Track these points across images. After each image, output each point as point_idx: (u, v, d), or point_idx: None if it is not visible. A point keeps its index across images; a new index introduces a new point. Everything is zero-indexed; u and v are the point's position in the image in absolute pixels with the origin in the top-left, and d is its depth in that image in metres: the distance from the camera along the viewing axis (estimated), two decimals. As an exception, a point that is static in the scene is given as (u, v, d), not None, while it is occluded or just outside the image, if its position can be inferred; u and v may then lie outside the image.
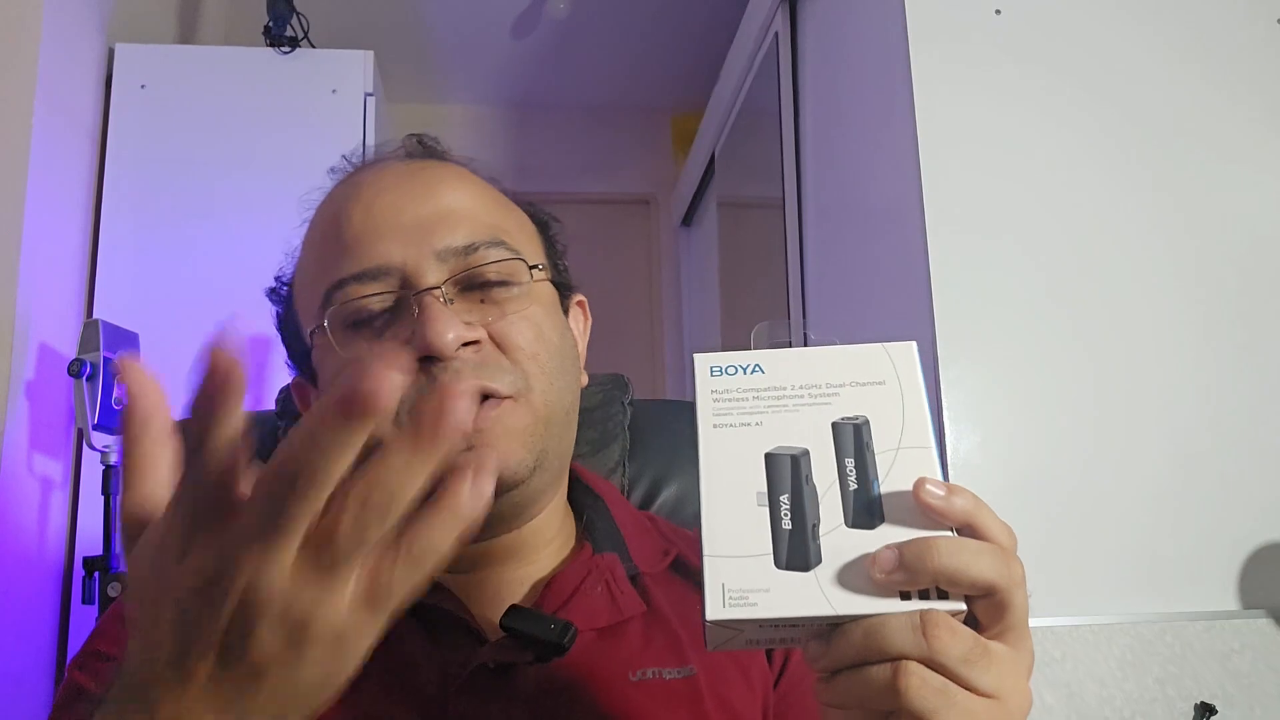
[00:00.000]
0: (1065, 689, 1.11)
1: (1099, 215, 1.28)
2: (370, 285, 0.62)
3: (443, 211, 0.65)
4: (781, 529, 0.41)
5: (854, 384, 0.45)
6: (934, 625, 0.38)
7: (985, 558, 0.39)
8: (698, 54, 3.01)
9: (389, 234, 0.63)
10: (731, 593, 0.40)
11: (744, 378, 0.45)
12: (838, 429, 0.43)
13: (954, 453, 1.18)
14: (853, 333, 1.55)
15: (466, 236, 0.64)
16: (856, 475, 0.42)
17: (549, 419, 0.63)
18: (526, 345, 0.63)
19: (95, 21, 2.05)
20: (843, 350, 0.46)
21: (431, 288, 0.61)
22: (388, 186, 0.66)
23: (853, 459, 0.43)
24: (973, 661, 0.39)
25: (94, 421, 1.58)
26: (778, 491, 0.42)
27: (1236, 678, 1.13)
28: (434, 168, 0.69)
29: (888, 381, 0.45)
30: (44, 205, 1.76)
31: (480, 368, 0.61)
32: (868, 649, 0.39)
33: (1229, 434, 1.23)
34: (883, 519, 0.41)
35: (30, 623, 1.72)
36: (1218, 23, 1.36)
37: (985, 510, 0.42)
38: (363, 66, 2.20)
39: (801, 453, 0.43)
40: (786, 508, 0.42)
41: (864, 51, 1.50)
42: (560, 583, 0.65)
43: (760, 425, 0.44)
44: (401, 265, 0.62)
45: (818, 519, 0.41)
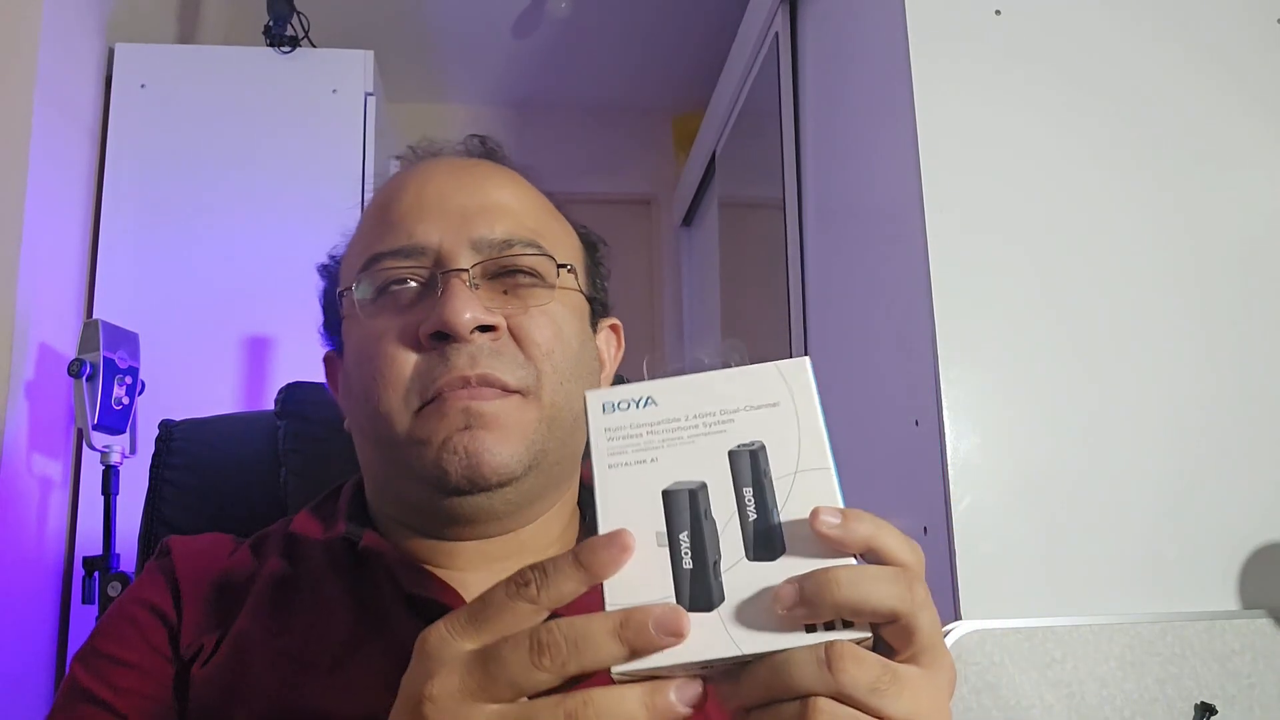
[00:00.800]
0: (1065, 689, 1.11)
1: (1099, 215, 1.28)
2: (404, 261, 0.64)
3: (487, 205, 0.67)
4: (683, 569, 0.40)
5: (748, 408, 0.43)
6: (839, 657, 0.37)
7: (884, 584, 0.39)
8: (698, 54, 3.01)
9: (431, 217, 0.65)
10: None
11: (637, 412, 0.43)
12: (734, 457, 0.42)
13: (954, 453, 1.18)
14: (854, 333, 1.55)
15: (505, 232, 0.65)
16: (755, 505, 0.41)
17: (554, 420, 0.64)
18: (543, 341, 0.64)
19: (95, 21, 2.05)
20: (733, 373, 0.44)
21: (459, 269, 0.63)
22: (439, 175, 0.69)
23: (751, 488, 0.41)
24: (882, 690, 0.38)
25: (94, 421, 1.58)
26: (677, 529, 0.40)
27: (1236, 678, 1.13)
28: (488, 166, 0.72)
29: (781, 403, 0.43)
30: (44, 205, 1.76)
31: (494, 356, 0.62)
32: (775, 686, 0.38)
33: (1229, 434, 1.23)
34: (784, 549, 0.40)
35: (30, 623, 1.72)
36: (1218, 23, 1.36)
37: (886, 531, 0.40)
38: (363, 66, 2.21)
39: (699, 486, 0.41)
40: (687, 545, 0.40)
41: (864, 52, 1.50)
42: None
43: (656, 461, 0.42)
44: (437, 247, 0.64)
45: (719, 555, 0.40)
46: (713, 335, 2.73)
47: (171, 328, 1.95)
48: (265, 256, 2.04)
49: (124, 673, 0.62)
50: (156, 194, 2.04)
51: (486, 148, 0.75)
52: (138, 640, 0.63)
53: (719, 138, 2.50)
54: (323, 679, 0.59)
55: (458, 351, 0.61)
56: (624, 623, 0.38)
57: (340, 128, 2.15)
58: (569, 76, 3.28)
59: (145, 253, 2.02)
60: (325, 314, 0.75)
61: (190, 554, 0.68)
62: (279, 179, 2.08)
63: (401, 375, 0.62)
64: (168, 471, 0.89)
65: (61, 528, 1.85)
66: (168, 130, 2.08)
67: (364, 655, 0.60)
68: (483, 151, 0.74)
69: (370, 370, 0.63)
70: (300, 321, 1.99)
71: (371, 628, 0.62)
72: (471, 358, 0.61)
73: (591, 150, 3.38)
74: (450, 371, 0.61)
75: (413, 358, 0.62)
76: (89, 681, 0.62)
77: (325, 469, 0.83)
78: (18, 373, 1.66)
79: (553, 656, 0.38)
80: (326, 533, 0.68)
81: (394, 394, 0.62)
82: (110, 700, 0.60)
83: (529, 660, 0.38)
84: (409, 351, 0.62)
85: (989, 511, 1.17)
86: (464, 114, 3.39)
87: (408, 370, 0.62)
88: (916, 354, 1.24)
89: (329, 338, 0.74)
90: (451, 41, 3.07)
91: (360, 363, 0.65)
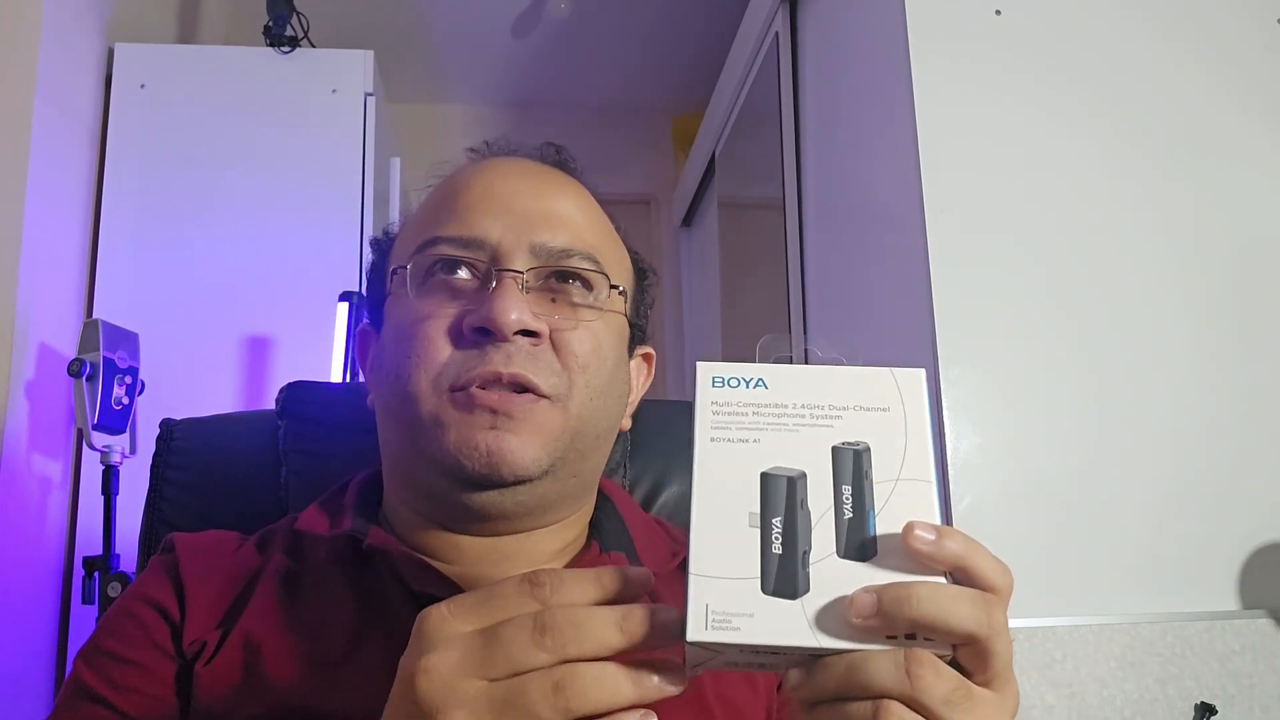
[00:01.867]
0: (1066, 689, 1.11)
1: (1099, 214, 1.28)
2: (462, 251, 0.65)
3: (552, 213, 0.67)
4: (771, 553, 0.40)
5: (858, 408, 0.43)
6: (918, 664, 0.38)
7: (964, 605, 0.38)
8: (698, 54, 3.01)
9: (495, 213, 0.66)
10: (715, 614, 0.39)
11: (746, 391, 0.44)
12: (838, 454, 0.42)
13: (954, 453, 1.18)
14: (853, 334, 1.55)
15: (565, 242, 0.66)
16: (853, 504, 0.41)
17: (578, 431, 0.64)
18: (582, 355, 0.64)
19: (95, 21, 2.05)
20: (849, 371, 0.45)
21: (516, 270, 0.63)
22: (511, 174, 0.69)
23: (850, 487, 0.41)
24: (955, 704, 0.38)
25: (94, 421, 1.58)
26: (771, 514, 0.41)
27: (1236, 678, 1.13)
28: (559, 175, 0.72)
29: (892, 409, 0.44)
30: (44, 205, 1.76)
31: (530, 360, 0.62)
32: (850, 684, 0.38)
33: (1229, 434, 1.23)
34: (875, 553, 0.40)
35: (30, 623, 1.72)
36: (1218, 23, 1.36)
37: (978, 553, 0.40)
38: (363, 66, 2.20)
39: (799, 475, 0.42)
40: (779, 531, 0.40)
41: (864, 51, 1.50)
42: None
43: (759, 442, 0.43)
44: (497, 244, 0.65)
45: (809, 546, 0.40)
46: (713, 336, 2.73)
47: (171, 328, 1.95)
48: (265, 256, 2.04)
49: (126, 670, 0.62)
50: (156, 194, 2.04)
51: (560, 157, 0.76)
52: (141, 638, 0.63)
53: (719, 138, 2.50)
54: (328, 675, 0.59)
55: (497, 350, 0.61)
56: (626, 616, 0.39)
57: (340, 128, 2.15)
58: (569, 76, 3.28)
59: (145, 253, 2.02)
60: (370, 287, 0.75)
61: (194, 550, 0.68)
62: (279, 179, 2.08)
63: (437, 360, 0.62)
64: (168, 471, 0.89)
65: (61, 528, 1.85)
66: (168, 130, 2.08)
67: (369, 651, 0.60)
68: (556, 160, 0.75)
69: (406, 349, 0.64)
70: (300, 321, 2.00)
71: (376, 624, 0.62)
72: (508, 357, 0.61)
73: (591, 150, 3.34)
74: (485, 366, 0.61)
75: (451, 346, 0.63)
76: (91, 679, 0.62)
77: (326, 469, 0.83)
78: (18, 373, 1.66)
79: (554, 638, 0.38)
80: (332, 529, 0.68)
81: (425, 377, 0.62)
82: (112, 699, 0.61)
83: (530, 640, 0.39)
84: (449, 339, 0.63)
85: (989, 511, 1.17)
86: (464, 114, 3.39)
87: (443, 357, 0.62)
88: (917, 354, 1.24)
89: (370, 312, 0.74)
90: (451, 41, 3.07)
91: (398, 340, 0.65)
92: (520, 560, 0.67)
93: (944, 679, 0.38)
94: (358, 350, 0.77)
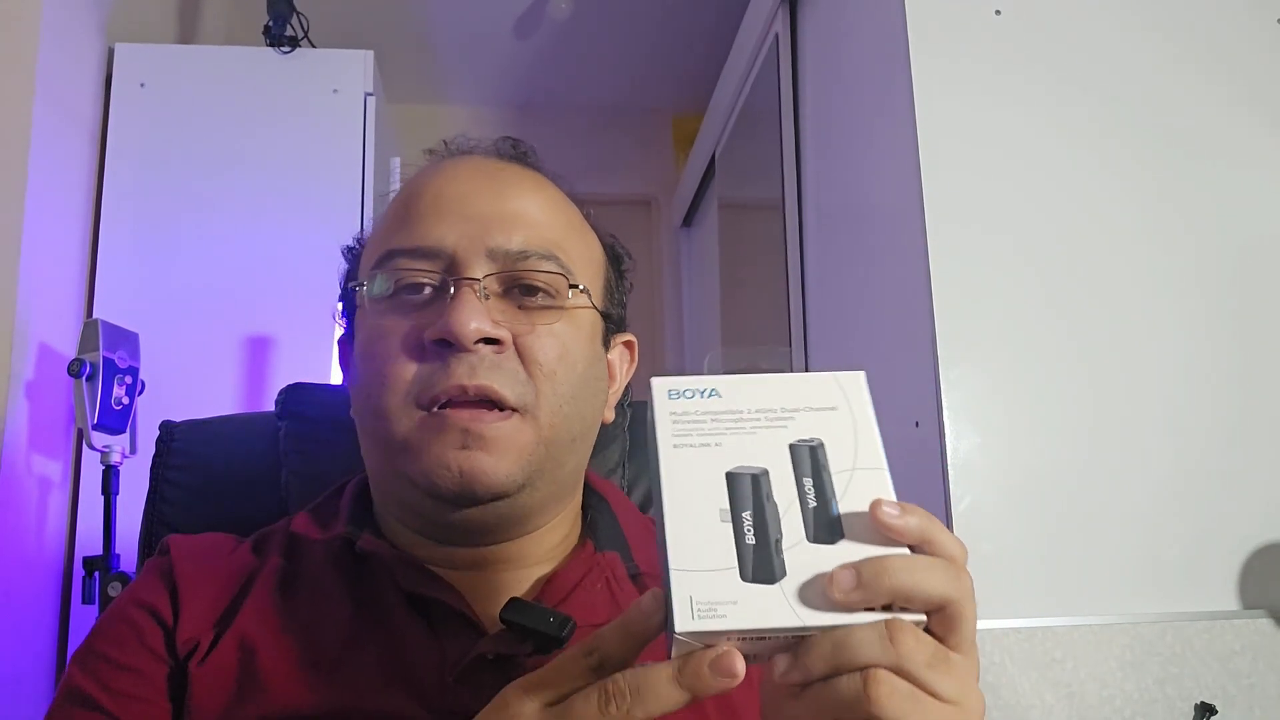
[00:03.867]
0: (1066, 689, 1.11)
1: (1099, 215, 1.28)
2: (418, 262, 0.64)
3: (507, 213, 0.66)
4: (746, 544, 0.42)
5: (808, 409, 0.46)
6: (900, 632, 0.40)
7: (938, 573, 0.41)
8: (699, 55, 3.01)
9: (449, 220, 0.65)
10: (700, 605, 0.40)
11: (701, 401, 0.46)
12: (795, 450, 0.44)
13: (954, 453, 1.18)
14: (854, 334, 1.55)
15: (522, 243, 0.65)
16: (815, 494, 0.43)
17: (551, 440, 0.63)
18: (546, 362, 0.63)
19: (95, 21, 2.05)
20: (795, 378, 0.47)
21: (471, 279, 0.63)
22: (463, 176, 0.68)
23: (811, 479, 0.44)
24: (936, 667, 0.40)
25: (94, 421, 1.58)
26: (740, 508, 0.43)
27: (1236, 678, 1.13)
28: (515, 172, 0.71)
29: (840, 408, 0.46)
30: (44, 205, 1.76)
31: (494, 370, 0.61)
32: (837, 660, 0.40)
33: (1229, 434, 1.23)
34: (843, 534, 0.42)
35: (30, 623, 1.72)
36: (1218, 23, 1.36)
37: (937, 526, 0.43)
38: (363, 66, 2.20)
39: (762, 471, 0.44)
40: (749, 524, 0.42)
41: (864, 52, 1.50)
42: (561, 579, 0.66)
43: (720, 446, 0.45)
44: (452, 251, 0.64)
45: (780, 534, 0.42)
46: (713, 336, 2.73)
47: (171, 328, 1.95)
48: (265, 256, 2.04)
49: (119, 674, 0.61)
50: (156, 194, 2.04)
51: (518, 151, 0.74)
52: (134, 641, 0.63)
53: (719, 138, 2.50)
54: (323, 676, 0.59)
55: (459, 360, 0.61)
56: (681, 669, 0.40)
57: (340, 128, 2.15)
58: (569, 77, 3.28)
59: (145, 253, 2.01)
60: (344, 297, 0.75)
61: (189, 552, 0.68)
62: (279, 179, 2.08)
63: (402, 378, 0.62)
64: (168, 472, 0.89)
65: (61, 528, 1.85)
66: (168, 130, 2.08)
67: (364, 653, 0.61)
68: (513, 155, 0.73)
69: (372, 368, 0.64)
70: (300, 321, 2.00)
71: (371, 626, 0.62)
72: (472, 368, 0.61)
73: (591, 151, 3.37)
74: (449, 379, 0.60)
75: (415, 361, 0.62)
76: (84, 683, 0.62)
77: (326, 469, 0.83)
78: (18, 373, 1.66)
79: (618, 704, 0.41)
80: (326, 533, 0.68)
81: (393, 396, 0.62)
82: (105, 703, 0.60)
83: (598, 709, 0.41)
84: (412, 354, 0.62)
85: (989, 511, 1.17)
86: (464, 114, 3.39)
87: (409, 374, 0.62)
88: (916, 354, 1.24)
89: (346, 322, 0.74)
90: (451, 41, 3.07)
91: (365, 358, 0.65)
92: (513, 563, 0.67)
93: (924, 644, 0.40)
94: (341, 359, 0.77)
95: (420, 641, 0.61)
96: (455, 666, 0.59)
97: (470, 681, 0.58)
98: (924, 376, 1.22)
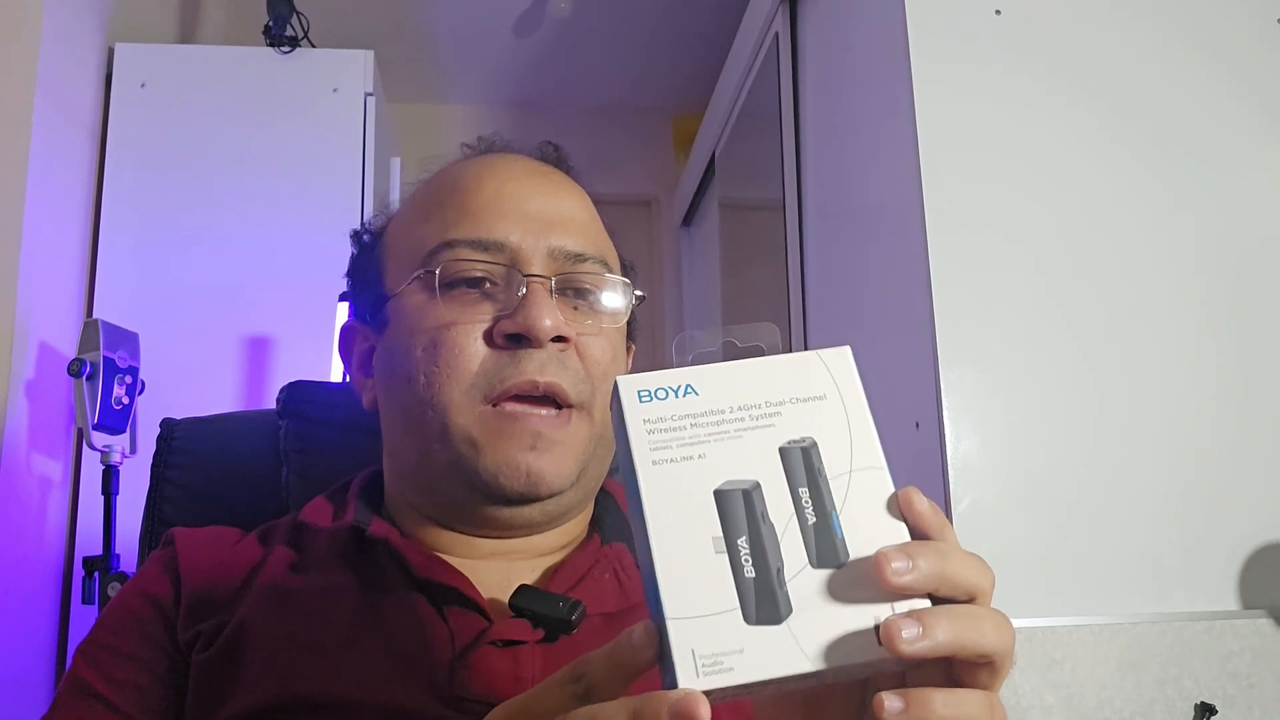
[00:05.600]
0: (1065, 689, 1.11)
1: (1099, 215, 1.28)
2: (480, 255, 0.65)
3: (565, 214, 0.68)
4: (745, 577, 0.37)
5: (794, 400, 0.41)
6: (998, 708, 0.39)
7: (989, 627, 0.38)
8: (699, 55, 3.01)
9: (512, 216, 0.66)
10: (703, 659, 0.36)
11: (677, 401, 0.41)
12: (786, 455, 0.40)
13: (954, 454, 1.18)
14: (854, 334, 1.55)
15: (580, 245, 0.67)
16: (813, 507, 0.39)
17: (600, 437, 0.66)
18: (603, 363, 0.66)
19: (95, 21, 2.05)
20: (775, 361, 0.42)
21: (543, 276, 0.64)
22: (520, 175, 0.70)
23: (806, 488, 0.39)
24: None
25: (94, 421, 1.58)
26: (735, 534, 0.38)
27: (1236, 678, 1.13)
28: (562, 176, 0.73)
29: (829, 395, 0.41)
30: (44, 205, 1.76)
31: (561, 367, 0.63)
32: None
33: (1229, 434, 1.23)
34: (848, 555, 0.38)
35: (30, 623, 1.72)
36: (1218, 23, 1.36)
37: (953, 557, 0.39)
38: (363, 66, 2.20)
39: (753, 486, 0.39)
40: (746, 552, 0.38)
41: (864, 51, 1.50)
42: (569, 568, 0.66)
43: (704, 457, 0.40)
44: (517, 247, 0.65)
45: (781, 562, 0.38)
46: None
47: (171, 328, 1.95)
48: (265, 256, 2.04)
49: (122, 664, 0.62)
50: (156, 194, 2.04)
51: (559, 156, 0.76)
52: (136, 632, 0.63)
53: (719, 138, 2.50)
54: (328, 663, 0.59)
55: (530, 356, 0.62)
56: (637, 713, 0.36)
57: (340, 128, 2.15)
58: (569, 77, 3.28)
59: (145, 253, 2.02)
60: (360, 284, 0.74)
61: (193, 544, 0.68)
62: (279, 179, 2.08)
63: (468, 369, 0.62)
64: (168, 471, 0.89)
65: (61, 528, 1.85)
66: (168, 130, 2.08)
67: (371, 639, 0.61)
68: (556, 160, 0.75)
69: (433, 356, 0.63)
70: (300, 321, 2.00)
71: (378, 612, 0.62)
72: (542, 364, 0.62)
73: (591, 150, 3.35)
74: (520, 375, 0.62)
75: (482, 353, 0.63)
76: (88, 674, 0.62)
77: (326, 469, 0.83)
78: (18, 373, 1.66)
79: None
80: (335, 520, 0.68)
81: (457, 387, 0.62)
82: (107, 693, 0.61)
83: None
84: (478, 346, 0.63)
85: (989, 511, 1.17)
86: (463, 114, 3.38)
87: (475, 365, 0.63)
88: (916, 354, 1.24)
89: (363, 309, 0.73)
90: (452, 41, 3.07)
91: (421, 346, 0.64)
92: (527, 554, 0.67)
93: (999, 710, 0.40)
94: (343, 348, 0.76)
95: (429, 628, 0.61)
96: (464, 653, 0.59)
97: (479, 668, 0.58)
98: (924, 376, 1.22)
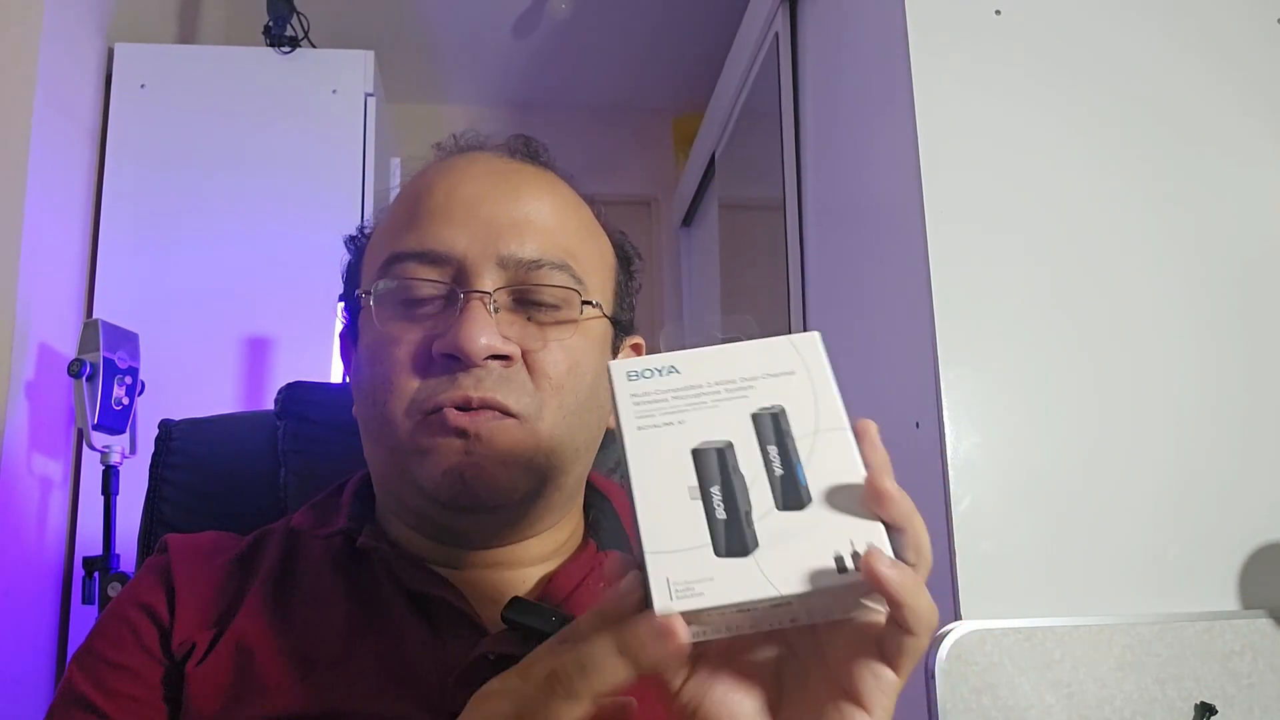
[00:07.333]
0: (1065, 689, 1.11)
1: (1100, 215, 1.28)
2: (427, 269, 0.63)
3: (519, 218, 0.64)
4: (716, 519, 0.42)
5: (766, 375, 0.47)
6: None
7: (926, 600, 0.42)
8: (699, 55, 3.01)
9: (459, 223, 0.63)
10: (676, 585, 0.40)
11: (660, 379, 0.47)
12: (758, 419, 0.45)
13: (954, 453, 1.18)
14: (854, 334, 1.55)
15: (535, 251, 0.63)
16: (780, 461, 0.44)
17: (553, 450, 0.63)
18: (556, 376, 0.63)
19: (95, 21, 2.05)
20: (750, 345, 0.48)
21: (483, 291, 0.61)
22: (474, 177, 0.66)
23: (775, 446, 0.44)
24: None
25: (94, 421, 1.58)
26: (708, 484, 0.43)
27: (1236, 678, 1.13)
28: (527, 172, 0.68)
29: (798, 371, 0.47)
30: (44, 205, 1.77)
31: (501, 382, 0.60)
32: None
33: (1229, 434, 1.23)
34: (810, 499, 0.43)
35: (30, 623, 1.72)
36: (1218, 22, 1.36)
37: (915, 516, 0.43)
38: (363, 66, 2.21)
39: (726, 445, 0.44)
40: (719, 498, 0.43)
41: (864, 51, 1.50)
42: (562, 578, 0.66)
43: (683, 423, 0.45)
44: (462, 257, 0.62)
45: (749, 505, 0.42)
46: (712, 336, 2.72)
47: (171, 328, 1.95)
48: (265, 256, 2.04)
49: (117, 675, 0.61)
50: (156, 194, 2.04)
51: (530, 149, 0.71)
52: (131, 642, 0.62)
53: (719, 138, 2.50)
54: (323, 675, 0.59)
55: (466, 374, 0.60)
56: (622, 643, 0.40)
57: (340, 128, 2.15)
58: (569, 77, 3.28)
59: (145, 253, 2.02)
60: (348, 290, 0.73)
61: (187, 551, 0.67)
62: (279, 179, 2.08)
63: (408, 386, 0.61)
64: (168, 471, 0.89)
65: (61, 528, 1.85)
66: (168, 130, 2.08)
67: (364, 653, 0.60)
68: (526, 153, 0.71)
69: (378, 374, 0.63)
70: (300, 321, 2.00)
71: (370, 623, 0.62)
72: (478, 381, 0.60)
73: (591, 151, 3.37)
74: (455, 391, 0.60)
75: (421, 372, 0.62)
76: (83, 684, 0.61)
77: (325, 469, 0.83)
78: (18, 373, 1.66)
79: (567, 686, 0.40)
80: (327, 529, 0.68)
81: (398, 403, 0.61)
82: (101, 704, 0.60)
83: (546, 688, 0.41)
84: (418, 365, 0.62)
85: (989, 511, 1.17)
86: (463, 114, 3.38)
87: (413, 385, 0.61)
88: (916, 354, 1.24)
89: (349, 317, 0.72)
90: (451, 41, 3.07)
91: (371, 363, 0.64)
92: (515, 564, 0.67)
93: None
94: (342, 353, 0.76)
95: (421, 641, 0.61)
96: (456, 667, 0.59)
97: (471, 682, 0.58)
98: (924, 376, 1.22)
